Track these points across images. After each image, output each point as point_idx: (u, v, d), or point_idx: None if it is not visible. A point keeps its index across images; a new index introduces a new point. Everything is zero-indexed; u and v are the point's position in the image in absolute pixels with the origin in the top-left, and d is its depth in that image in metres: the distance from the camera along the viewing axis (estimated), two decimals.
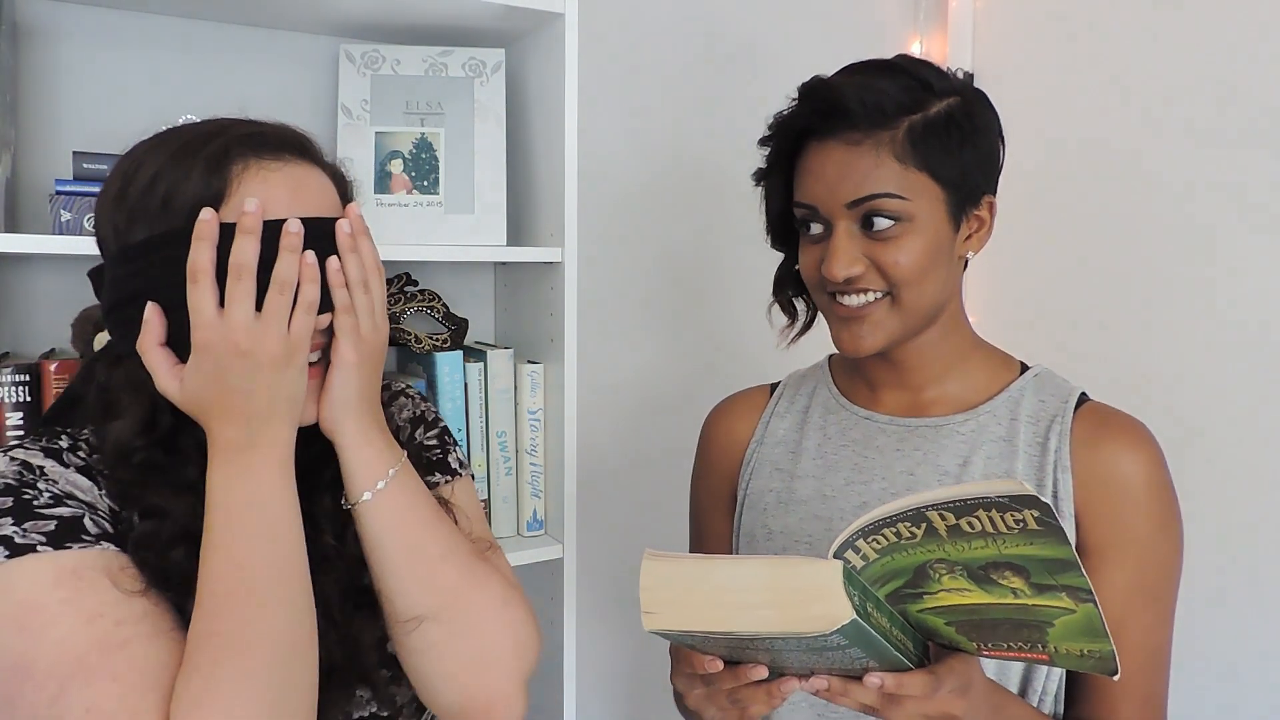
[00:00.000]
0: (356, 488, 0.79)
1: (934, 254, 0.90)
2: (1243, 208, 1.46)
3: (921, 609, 0.74)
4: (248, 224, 0.71)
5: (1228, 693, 1.45)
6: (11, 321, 1.27)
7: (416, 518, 0.80)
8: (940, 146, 0.89)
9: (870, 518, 0.69)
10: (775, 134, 0.96)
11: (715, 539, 1.13)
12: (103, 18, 1.30)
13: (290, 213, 0.74)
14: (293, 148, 0.77)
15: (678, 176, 1.74)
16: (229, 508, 0.71)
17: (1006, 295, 1.74)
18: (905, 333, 0.93)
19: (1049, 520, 0.65)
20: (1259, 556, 1.44)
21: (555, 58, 1.34)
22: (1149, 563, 0.90)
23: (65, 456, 0.77)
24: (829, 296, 0.94)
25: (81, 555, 0.69)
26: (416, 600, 0.79)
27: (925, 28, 1.91)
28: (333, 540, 0.82)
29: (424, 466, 0.91)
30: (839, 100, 0.88)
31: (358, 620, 0.81)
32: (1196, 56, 1.52)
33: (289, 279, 0.72)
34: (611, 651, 1.74)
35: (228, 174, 0.73)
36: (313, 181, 0.77)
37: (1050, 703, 0.95)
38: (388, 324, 0.81)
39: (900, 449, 0.98)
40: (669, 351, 1.77)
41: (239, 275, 0.71)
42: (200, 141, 0.74)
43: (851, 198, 0.89)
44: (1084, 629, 0.70)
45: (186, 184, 0.73)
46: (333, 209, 0.79)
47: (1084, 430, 0.93)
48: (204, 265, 0.71)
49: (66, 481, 0.74)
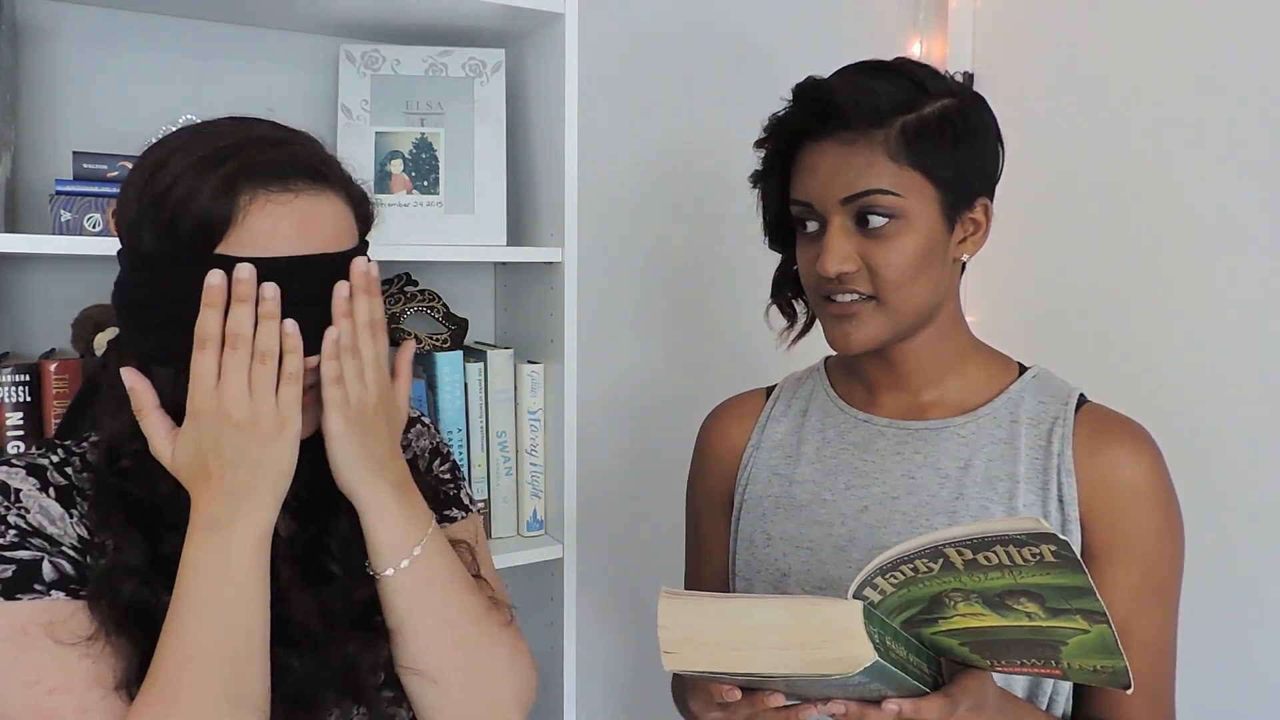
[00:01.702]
0: (380, 560, 0.79)
1: (926, 254, 0.90)
2: (1243, 207, 1.46)
3: (935, 632, 0.74)
4: (242, 292, 0.70)
5: (1233, 692, 1.45)
6: (11, 321, 1.27)
7: (440, 587, 0.81)
8: (934, 146, 0.89)
9: (888, 556, 0.69)
10: (771, 135, 0.97)
11: (712, 545, 1.12)
12: (103, 18, 1.30)
13: (295, 249, 0.72)
14: (306, 175, 0.74)
15: (678, 176, 1.74)
16: (195, 591, 0.71)
17: (1006, 296, 1.74)
18: (895, 332, 0.93)
19: (1065, 554, 0.65)
20: (1259, 556, 1.44)
21: (555, 58, 1.34)
22: (1154, 564, 0.91)
23: (50, 475, 0.77)
24: (822, 297, 0.94)
25: (29, 608, 0.70)
26: (433, 658, 0.81)
27: (925, 28, 1.91)
28: (337, 564, 0.82)
29: (440, 502, 0.91)
30: (833, 100, 0.89)
31: (357, 640, 0.81)
32: (1197, 56, 1.52)
33: (269, 349, 0.71)
34: (611, 651, 1.74)
35: (234, 204, 0.71)
36: (323, 212, 0.75)
37: (1062, 702, 0.95)
38: (383, 378, 0.78)
39: (900, 452, 0.98)
40: (669, 351, 1.77)
41: (234, 345, 0.70)
42: (217, 158, 0.72)
43: (845, 194, 0.89)
44: (1097, 647, 0.71)
45: (194, 204, 0.71)
46: (346, 237, 0.77)
47: (1086, 433, 0.93)
48: (211, 333, 0.70)
49: (39, 510, 0.75)
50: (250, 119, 0.79)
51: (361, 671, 0.81)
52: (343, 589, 0.81)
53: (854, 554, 0.96)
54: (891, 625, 0.73)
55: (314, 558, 0.82)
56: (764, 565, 1.01)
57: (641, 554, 1.71)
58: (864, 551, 0.95)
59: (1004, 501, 0.92)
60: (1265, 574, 1.43)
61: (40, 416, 1.13)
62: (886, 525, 0.95)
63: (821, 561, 0.97)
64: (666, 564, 1.30)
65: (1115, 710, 0.92)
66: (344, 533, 0.82)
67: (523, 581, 1.41)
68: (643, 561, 1.71)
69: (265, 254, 0.72)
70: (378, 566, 0.79)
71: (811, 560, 0.98)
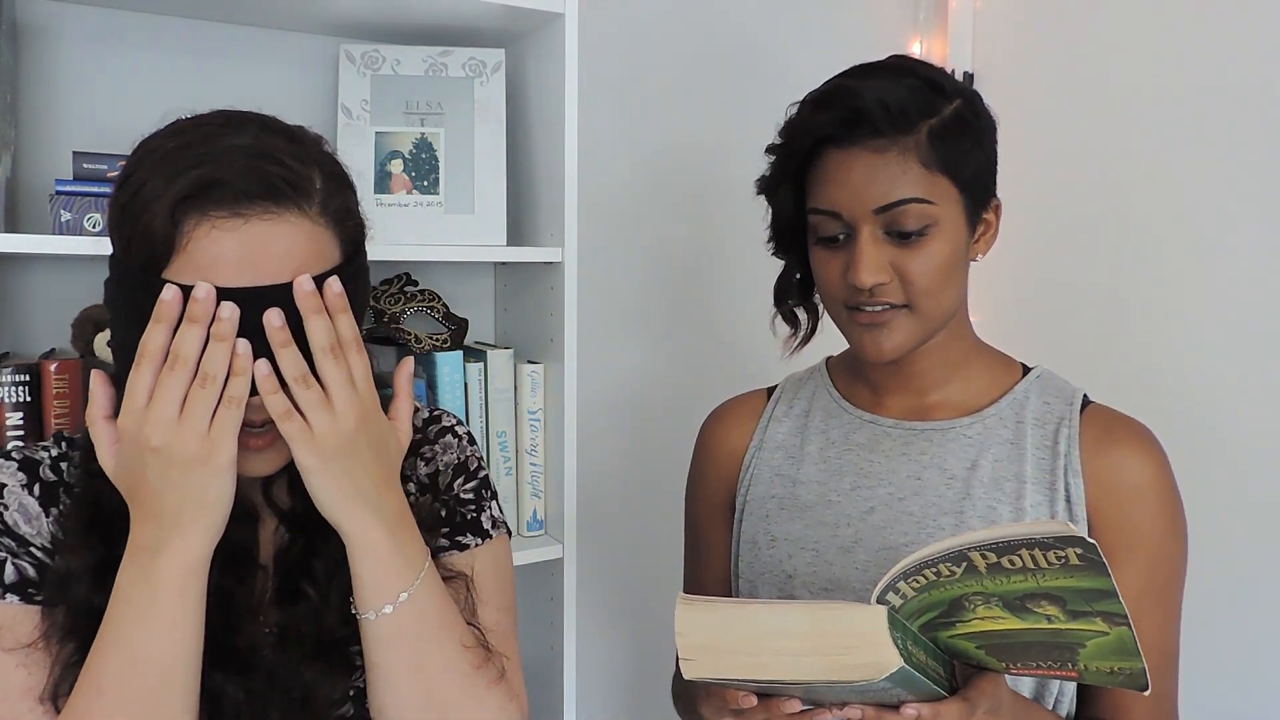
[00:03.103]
0: (362, 601, 0.73)
1: (955, 259, 0.90)
2: (1244, 207, 1.46)
3: (952, 635, 0.74)
4: (195, 312, 0.65)
5: (1233, 692, 1.45)
6: (11, 321, 1.27)
7: (424, 639, 0.74)
8: (958, 148, 0.88)
9: (912, 560, 0.69)
10: (789, 141, 0.94)
11: (713, 548, 1.12)
12: (103, 18, 1.30)
13: (240, 279, 0.66)
14: (265, 197, 0.68)
15: (678, 177, 1.74)
16: (118, 620, 0.68)
17: (1006, 296, 1.73)
18: (924, 337, 0.93)
19: (1092, 556, 0.64)
20: (1259, 556, 1.44)
21: (555, 58, 1.34)
22: (1159, 564, 0.91)
23: (41, 470, 0.77)
24: (848, 309, 0.92)
25: None
26: (405, 713, 0.75)
27: (925, 28, 1.91)
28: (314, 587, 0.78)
29: (454, 525, 0.87)
30: (862, 107, 0.87)
31: (317, 669, 0.77)
32: (1197, 56, 1.52)
33: (214, 372, 0.66)
34: (611, 651, 1.74)
35: (179, 228, 0.67)
36: (279, 240, 0.68)
37: (1066, 703, 0.95)
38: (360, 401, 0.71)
39: (906, 453, 0.98)
40: (669, 351, 1.77)
41: (173, 365, 0.66)
42: (175, 171, 0.67)
43: (880, 203, 0.87)
44: (1116, 649, 0.70)
45: (143, 222, 0.67)
46: (313, 262, 0.70)
47: (1092, 435, 0.93)
48: (151, 350, 0.66)
49: (18, 507, 0.74)
50: (244, 116, 0.74)
51: (316, 703, 0.76)
52: (313, 613, 0.77)
53: (860, 555, 0.96)
54: (912, 630, 0.72)
55: (294, 576, 0.78)
56: (768, 567, 1.01)
57: (641, 554, 1.71)
58: (870, 553, 0.95)
59: (1011, 502, 0.92)
60: (1265, 574, 1.44)
61: (40, 416, 1.13)
62: (893, 526, 0.95)
63: (827, 563, 0.97)
64: (666, 564, 1.30)
65: (1118, 711, 0.92)
66: (334, 555, 0.76)
67: (523, 581, 1.41)
68: (643, 561, 1.71)
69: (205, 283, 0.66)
70: (359, 607, 0.74)
71: (817, 561, 0.98)
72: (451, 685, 0.75)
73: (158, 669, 0.67)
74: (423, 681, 0.74)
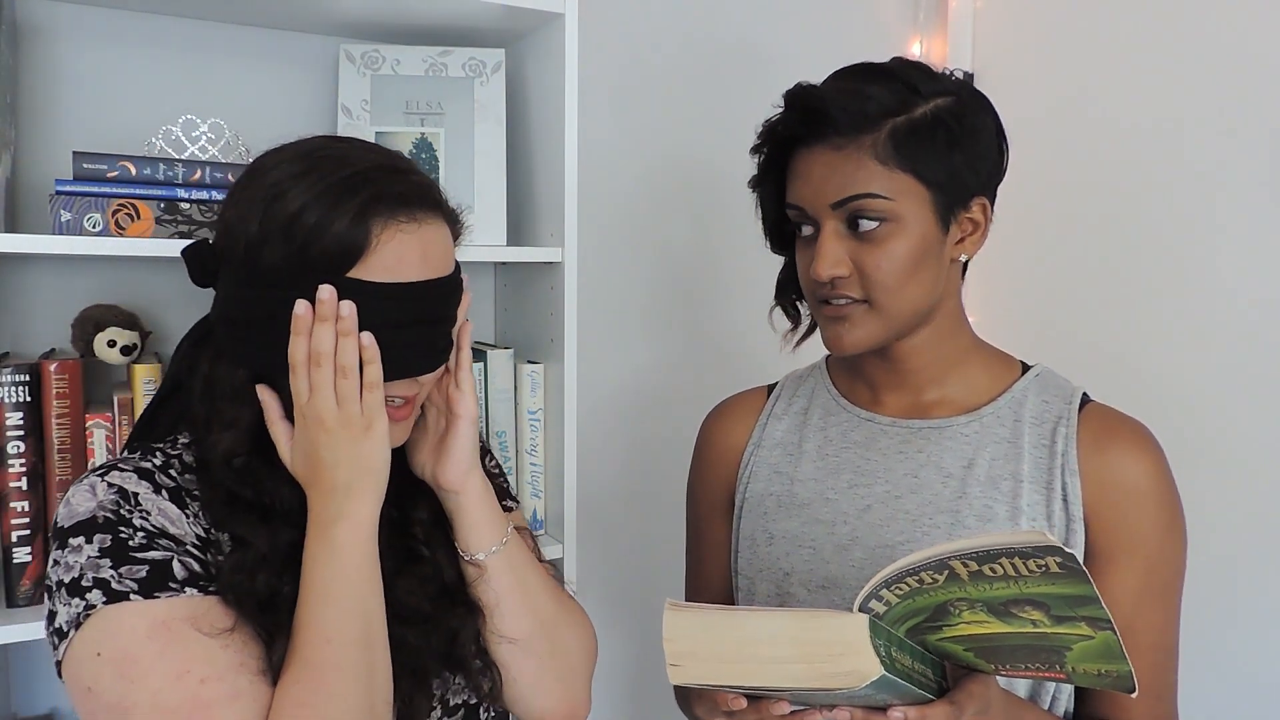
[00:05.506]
0: (477, 543, 0.88)
1: (919, 256, 0.91)
2: (1245, 207, 1.46)
3: (940, 638, 0.74)
4: (323, 313, 0.76)
5: (1233, 692, 1.45)
6: (11, 321, 1.27)
7: (525, 567, 0.91)
8: (925, 147, 0.89)
9: (894, 569, 0.69)
10: (764, 141, 0.97)
11: (714, 546, 1.12)
12: (103, 18, 1.30)
13: (420, 274, 0.79)
14: (427, 203, 0.80)
15: (678, 176, 1.74)
16: (320, 583, 0.77)
17: (1006, 296, 1.74)
18: (889, 334, 0.94)
19: (1071, 565, 0.65)
20: (1259, 556, 1.44)
21: (555, 58, 1.34)
22: (1158, 564, 0.91)
23: (158, 478, 0.81)
24: (818, 299, 0.95)
25: (170, 605, 0.74)
26: (523, 626, 0.89)
27: (925, 28, 1.91)
28: (425, 547, 0.89)
29: (497, 494, 0.96)
30: (821, 107, 0.90)
31: (458, 614, 0.88)
32: (1197, 55, 1.52)
33: (348, 364, 0.77)
34: (612, 651, 1.74)
35: (368, 232, 0.76)
36: (438, 240, 0.81)
37: (1064, 701, 0.95)
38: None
39: (904, 451, 0.98)
40: (669, 351, 1.77)
41: (318, 362, 0.76)
42: (344, 187, 0.76)
43: (835, 198, 0.90)
44: (1101, 653, 0.71)
45: (329, 231, 0.75)
46: (452, 260, 0.84)
47: (1090, 434, 0.93)
48: (300, 358, 0.77)
49: (159, 512, 0.79)
50: (347, 141, 0.84)
51: (462, 642, 0.88)
52: (434, 569, 0.88)
53: (856, 553, 0.96)
54: (897, 635, 0.73)
55: (404, 542, 0.89)
56: (766, 564, 1.01)
57: (641, 554, 1.71)
58: (866, 551, 0.95)
59: (1008, 501, 0.92)
60: (1265, 574, 1.43)
61: (40, 416, 1.13)
62: (889, 524, 0.95)
63: (824, 561, 0.97)
64: (666, 564, 1.30)
65: (1118, 710, 0.92)
66: (426, 519, 0.89)
67: None
68: (643, 561, 1.71)
69: (393, 279, 0.77)
70: (474, 549, 0.88)
71: (814, 559, 0.98)
72: (550, 601, 0.92)
73: (365, 617, 0.78)
74: (529, 601, 0.90)
